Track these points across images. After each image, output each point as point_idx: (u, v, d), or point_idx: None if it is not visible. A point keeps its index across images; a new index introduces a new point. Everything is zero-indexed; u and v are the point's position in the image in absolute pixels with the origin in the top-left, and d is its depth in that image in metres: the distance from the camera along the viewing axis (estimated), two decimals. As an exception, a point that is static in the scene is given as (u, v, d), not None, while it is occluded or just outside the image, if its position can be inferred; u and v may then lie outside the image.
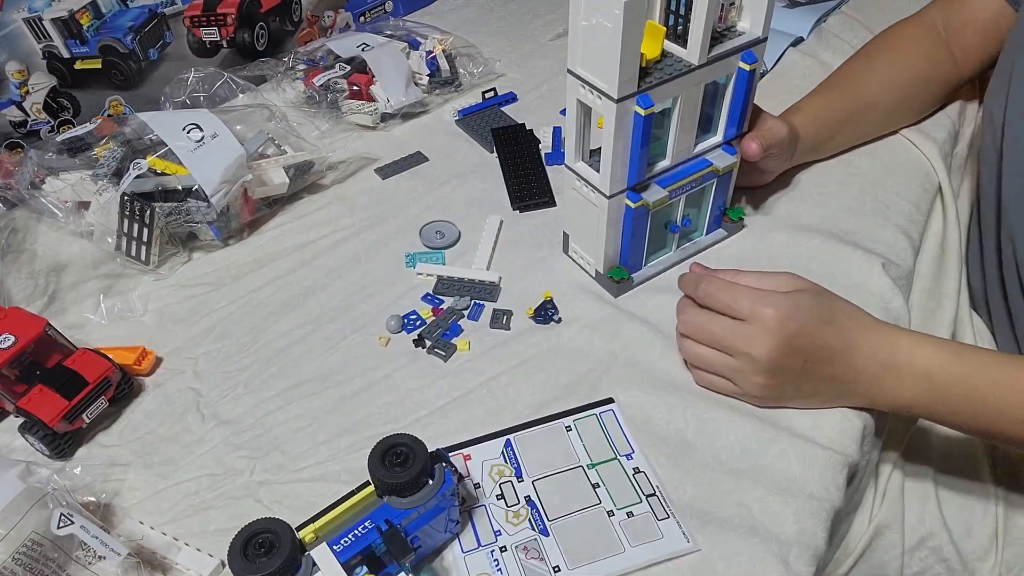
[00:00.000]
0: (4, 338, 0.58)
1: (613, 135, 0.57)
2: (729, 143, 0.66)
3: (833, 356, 0.55)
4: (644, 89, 0.56)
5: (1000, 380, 0.54)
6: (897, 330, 0.57)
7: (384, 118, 0.89)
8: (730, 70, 0.61)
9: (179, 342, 0.67)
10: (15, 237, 0.77)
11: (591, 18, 0.53)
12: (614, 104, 0.55)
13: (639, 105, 0.56)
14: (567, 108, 0.61)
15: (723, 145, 0.66)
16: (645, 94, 0.56)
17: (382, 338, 0.66)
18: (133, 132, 0.75)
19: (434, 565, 0.50)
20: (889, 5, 1.05)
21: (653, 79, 0.56)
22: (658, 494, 0.53)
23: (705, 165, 0.65)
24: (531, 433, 0.58)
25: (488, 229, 0.75)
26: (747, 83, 0.61)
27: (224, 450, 0.58)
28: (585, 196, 0.64)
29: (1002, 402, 0.54)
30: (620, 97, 0.55)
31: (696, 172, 0.65)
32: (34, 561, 0.46)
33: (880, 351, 0.56)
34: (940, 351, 0.56)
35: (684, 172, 0.64)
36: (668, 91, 0.57)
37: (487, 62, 0.97)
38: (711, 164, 0.65)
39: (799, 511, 0.52)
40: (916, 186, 0.78)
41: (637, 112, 0.56)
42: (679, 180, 0.64)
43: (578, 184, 0.64)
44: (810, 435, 0.56)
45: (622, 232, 0.65)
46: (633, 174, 0.61)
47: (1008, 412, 0.54)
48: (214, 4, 0.92)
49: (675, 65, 0.57)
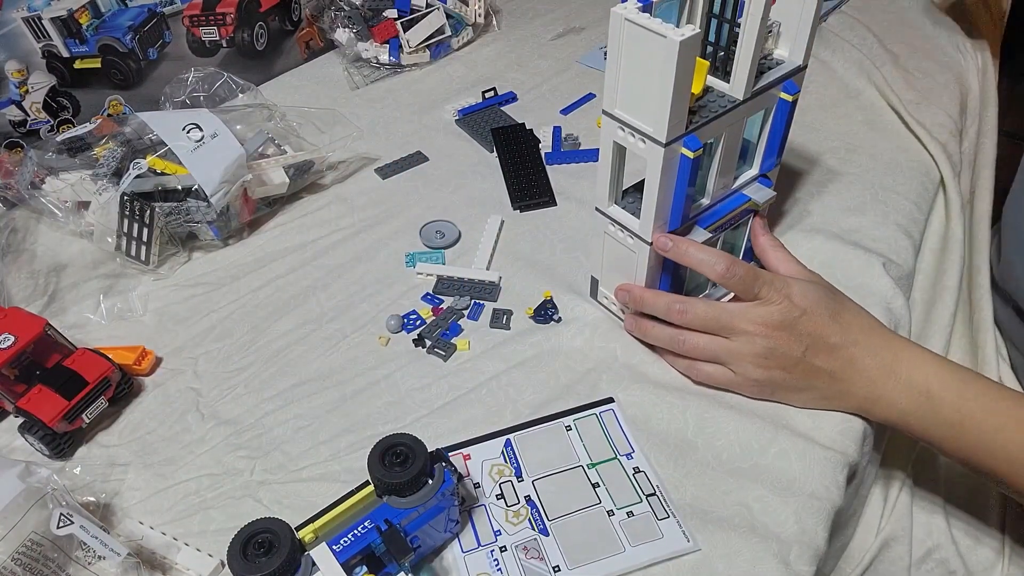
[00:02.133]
0: (4, 338, 0.58)
1: (659, 180, 0.52)
2: (766, 176, 0.63)
3: (834, 350, 0.54)
4: (692, 130, 0.51)
5: (1000, 411, 0.52)
6: (904, 341, 0.56)
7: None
8: (771, 102, 0.57)
9: (179, 342, 0.67)
10: (15, 237, 0.77)
11: (635, 57, 0.49)
12: (662, 148, 0.50)
13: (687, 148, 0.51)
14: (601, 150, 0.56)
15: (760, 178, 0.62)
16: (693, 135, 0.51)
17: (382, 338, 0.66)
18: (133, 132, 0.75)
19: (434, 565, 0.50)
20: (889, 5, 1.06)
21: (699, 118, 0.52)
22: (658, 494, 0.53)
23: (743, 201, 0.61)
24: (531, 433, 0.58)
25: (488, 229, 0.75)
26: (788, 114, 0.58)
27: (224, 450, 0.58)
28: (621, 242, 0.59)
29: (998, 434, 0.52)
30: (668, 141, 0.50)
31: (735, 209, 0.60)
32: (34, 561, 0.46)
33: (883, 356, 0.55)
34: (944, 370, 0.54)
35: (723, 210, 0.60)
36: (713, 130, 0.53)
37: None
38: (749, 199, 0.61)
39: (799, 510, 0.52)
40: (917, 185, 0.78)
41: (685, 155, 0.52)
42: (719, 219, 0.59)
43: (612, 229, 0.60)
44: (810, 435, 0.56)
45: (661, 279, 0.60)
46: (676, 218, 0.56)
47: (1002, 447, 0.52)
48: (213, 4, 0.92)
49: (718, 101, 0.54)
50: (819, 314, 0.54)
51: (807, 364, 0.55)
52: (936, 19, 1.03)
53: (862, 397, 0.55)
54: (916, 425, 0.54)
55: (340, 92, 0.98)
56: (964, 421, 0.52)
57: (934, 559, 0.66)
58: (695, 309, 0.57)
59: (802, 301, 0.55)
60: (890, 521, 0.66)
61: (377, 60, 0.99)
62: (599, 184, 0.59)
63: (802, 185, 0.78)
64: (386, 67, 1.00)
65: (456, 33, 1.03)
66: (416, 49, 0.99)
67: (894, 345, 0.55)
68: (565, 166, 0.83)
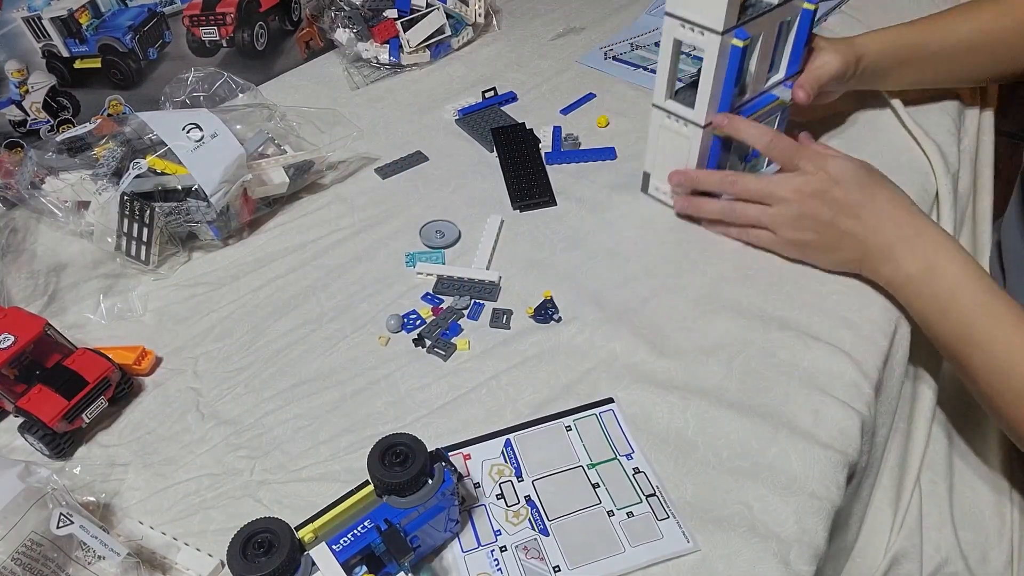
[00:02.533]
0: (4, 338, 0.58)
1: (714, 68, 0.64)
2: (789, 79, 0.74)
3: (859, 216, 0.62)
4: (741, 23, 0.63)
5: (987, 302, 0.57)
6: (928, 221, 0.62)
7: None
8: (796, 12, 0.69)
9: (179, 342, 0.67)
10: (15, 237, 0.77)
11: None
12: (718, 37, 0.62)
13: (737, 38, 0.63)
14: (660, 51, 0.68)
15: (785, 82, 0.73)
16: (741, 28, 0.63)
17: (382, 338, 0.66)
18: (133, 132, 0.75)
19: (434, 565, 0.50)
20: (889, 5, 1.06)
21: (744, 16, 0.64)
22: (658, 494, 0.53)
23: (773, 99, 0.73)
24: (531, 433, 0.58)
25: (488, 229, 0.75)
26: (809, 22, 0.69)
27: (224, 450, 0.58)
28: (676, 131, 0.71)
29: (978, 320, 0.57)
30: (724, 30, 0.62)
31: (767, 105, 0.72)
32: (33, 561, 0.46)
33: (903, 227, 0.61)
34: (952, 250, 0.60)
35: (758, 105, 0.72)
36: (755, 27, 0.65)
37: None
38: (778, 98, 0.73)
39: (799, 510, 0.52)
40: (917, 185, 0.78)
41: (735, 44, 0.64)
42: (755, 112, 0.71)
43: (667, 121, 0.71)
44: (810, 434, 0.56)
45: (708, 163, 0.72)
46: (724, 104, 0.68)
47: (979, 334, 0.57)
48: (213, 3, 0.92)
49: (757, 5, 0.66)
50: (850, 185, 0.62)
51: (835, 227, 0.63)
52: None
53: (877, 257, 0.62)
54: (914, 292, 0.61)
55: (340, 92, 0.98)
56: (954, 297, 0.58)
57: (944, 573, 0.65)
58: (744, 180, 0.68)
59: (836, 173, 0.63)
60: (899, 538, 0.65)
61: (377, 60, 0.99)
62: (657, 82, 0.70)
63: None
64: (386, 67, 1.00)
65: (456, 33, 1.03)
66: (416, 49, 1.00)
67: (916, 221, 0.62)
68: (565, 166, 0.83)
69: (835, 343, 0.62)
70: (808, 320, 0.64)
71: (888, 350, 0.64)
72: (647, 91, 0.94)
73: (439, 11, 0.99)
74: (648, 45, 1.04)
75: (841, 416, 0.58)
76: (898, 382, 0.67)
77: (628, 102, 0.93)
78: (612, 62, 1.00)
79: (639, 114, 0.90)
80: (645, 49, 1.03)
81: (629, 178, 0.81)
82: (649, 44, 1.04)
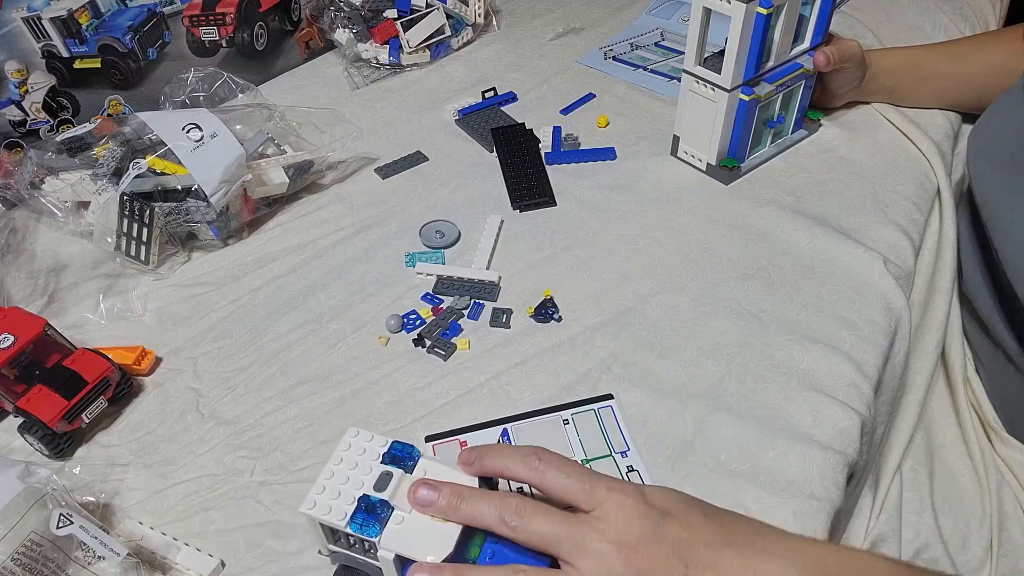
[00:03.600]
0: (3, 338, 0.58)
1: (739, 34, 0.68)
2: (813, 49, 0.77)
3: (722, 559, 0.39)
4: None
5: None
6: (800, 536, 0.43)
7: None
8: None
9: (179, 342, 0.67)
10: (15, 237, 0.77)
11: None
12: (743, 5, 0.66)
13: (762, 6, 0.67)
14: (691, 19, 0.72)
15: (809, 51, 0.77)
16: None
17: (382, 338, 0.66)
18: (132, 132, 0.75)
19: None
20: (889, 5, 1.06)
21: None
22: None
23: (797, 67, 0.76)
24: (528, 424, 0.58)
25: (488, 229, 0.75)
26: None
27: (224, 450, 0.58)
28: (703, 95, 0.75)
29: None
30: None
31: (791, 72, 0.76)
32: (33, 561, 0.46)
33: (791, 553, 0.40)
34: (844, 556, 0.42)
35: (782, 72, 0.76)
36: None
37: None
38: (802, 66, 0.76)
39: (798, 511, 0.52)
40: (916, 186, 0.78)
41: (759, 12, 0.67)
42: (780, 78, 0.75)
43: (696, 86, 0.75)
44: (809, 435, 0.56)
45: (734, 125, 0.76)
46: (750, 69, 0.72)
47: None
48: (213, 3, 0.92)
49: None
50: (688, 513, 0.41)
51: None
52: (935, 19, 1.03)
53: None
54: None
55: (340, 92, 0.98)
56: None
57: (923, 559, 0.66)
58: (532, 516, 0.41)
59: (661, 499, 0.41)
60: (879, 522, 0.66)
61: (377, 60, 0.99)
62: (688, 49, 0.74)
63: (802, 184, 0.78)
64: (386, 67, 1.00)
65: (456, 33, 1.03)
66: (416, 49, 0.99)
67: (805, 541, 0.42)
68: (565, 166, 0.83)
69: (835, 343, 0.62)
70: (808, 320, 0.64)
71: (888, 350, 0.64)
72: (647, 91, 0.95)
73: (439, 11, 0.99)
74: (648, 45, 1.04)
75: (841, 416, 0.57)
76: (898, 382, 0.67)
77: (628, 102, 0.93)
78: (612, 62, 1.00)
79: (639, 114, 0.91)
80: (645, 49, 1.03)
81: (629, 178, 0.81)
82: (649, 44, 1.04)
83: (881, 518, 0.66)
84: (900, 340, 0.66)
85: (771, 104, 0.78)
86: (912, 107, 0.86)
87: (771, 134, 0.81)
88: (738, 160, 0.79)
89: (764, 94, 0.74)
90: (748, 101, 0.73)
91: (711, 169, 0.79)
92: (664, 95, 0.93)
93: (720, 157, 0.78)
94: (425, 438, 0.57)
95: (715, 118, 0.75)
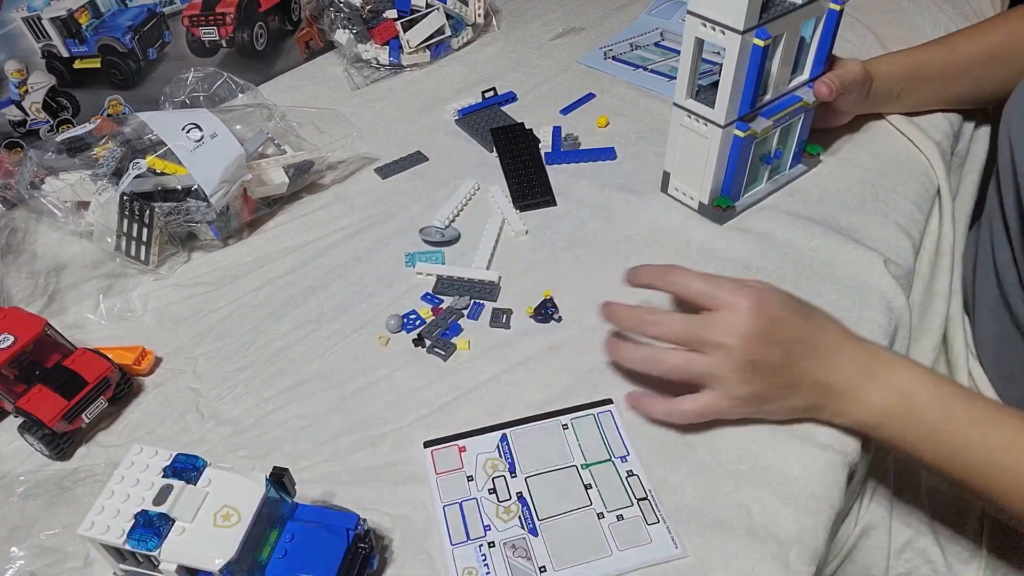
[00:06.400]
0: (3, 338, 0.58)
1: (734, 67, 0.63)
2: (813, 81, 0.73)
3: (814, 353, 0.53)
4: (762, 23, 0.62)
5: (976, 418, 0.51)
6: (875, 345, 0.56)
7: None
8: (821, 11, 0.68)
9: (179, 342, 0.67)
10: (15, 237, 0.77)
11: None
12: (739, 36, 0.61)
13: (759, 38, 0.62)
14: (682, 50, 0.67)
15: (809, 83, 0.73)
16: (763, 27, 0.62)
17: (382, 338, 0.66)
18: (132, 132, 0.75)
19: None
20: (889, 5, 1.06)
21: (767, 16, 0.63)
22: (650, 498, 0.53)
23: (796, 100, 0.72)
24: (527, 429, 0.58)
25: (488, 229, 0.75)
26: (835, 22, 0.68)
27: (224, 450, 0.58)
28: (695, 131, 0.70)
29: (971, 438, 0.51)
30: (745, 29, 0.61)
31: (789, 106, 0.71)
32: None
33: (861, 358, 0.54)
34: (918, 371, 0.54)
35: (780, 106, 0.71)
36: (777, 27, 0.64)
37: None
38: (801, 99, 0.72)
39: (799, 511, 0.52)
40: (917, 186, 0.78)
41: (756, 44, 0.62)
42: (778, 112, 0.70)
43: (688, 120, 0.70)
44: (810, 435, 0.56)
45: (728, 162, 0.70)
46: (745, 104, 0.67)
47: (975, 451, 0.51)
48: (213, 3, 0.92)
49: (780, 4, 0.65)
50: (792, 316, 0.53)
51: (789, 371, 0.53)
52: (935, 19, 1.03)
53: (841, 400, 0.54)
54: (893, 427, 0.53)
55: (340, 92, 0.98)
56: (938, 422, 0.52)
57: (913, 548, 0.66)
58: (667, 321, 0.55)
59: (771, 305, 0.53)
60: (869, 510, 0.66)
61: (377, 61, 0.99)
62: (679, 81, 0.69)
63: (802, 184, 0.78)
64: (386, 68, 1.00)
65: (456, 33, 1.03)
66: (416, 49, 0.99)
67: (869, 347, 0.55)
68: (565, 166, 0.83)
69: (835, 343, 0.62)
70: (808, 320, 0.64)
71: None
72: (647, 91, 0.95)
73: (439, 11, 0.99)
74: (648, 45, 1.04)
75: (841, 416, 0.57)
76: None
77: (628, 102, 0.93)
78: (612, 62, 1.00)
79: (639, 114, 0.91)
80: (645, 49, 1.03)
81: (629, 178, 0.81)
82: (649, 44, 1.04)
83: (871, 506, 0.66)
84: (900, 340, 0.66)
85: (768, 139, 0.73)
86: (917, 112, 0.85)
87: (768, 170, 0.76)
88: (732, 199, 0.74)
89: (761, 130, 0.69)
90: (744, 137, 0.68)
91: (703, 208, 0.74)
92: (664, 95, 0.93)
93: (713, 196, 0.73)
94: (424, 443, 0.57)
95: (708, 155, 0.70)
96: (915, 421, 0.52)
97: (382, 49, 0.98)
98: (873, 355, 0.54)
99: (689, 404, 0.55)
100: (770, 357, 0.52)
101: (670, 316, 0.55)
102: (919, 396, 0.52)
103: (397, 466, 0.56)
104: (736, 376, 0.52)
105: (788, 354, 0.53)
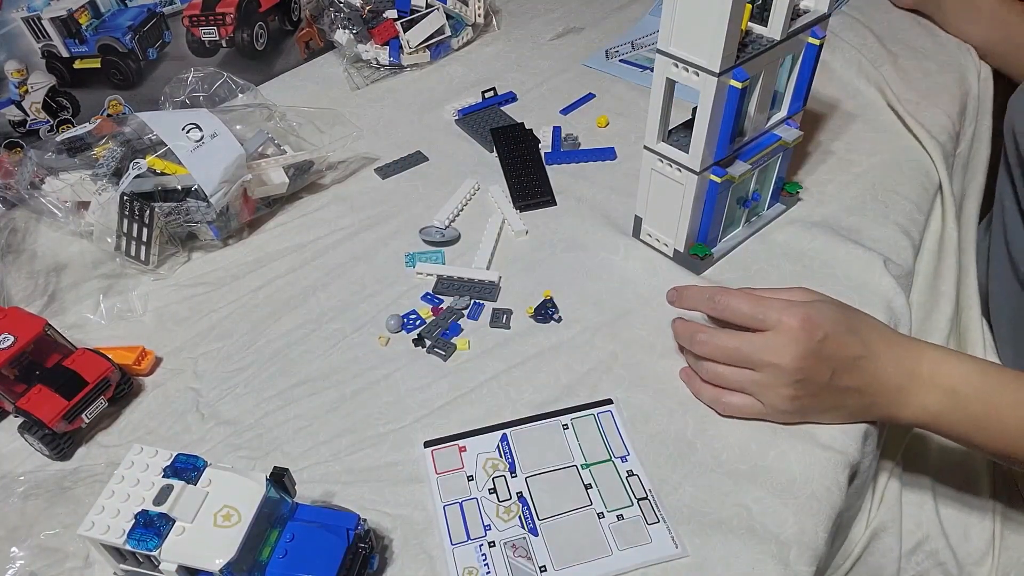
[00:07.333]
0: (3, 338, 0.58)
1: (709, 111, 0.58)
2: (791, 118, 0.69)
3: (859, 365, 0.54)
4: (739, 63, 0.58)
5: (1021, 400, 0.53)
6: (920, 343, 0.57)
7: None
8: (800, 47, 0.64)
9: (179, 342, 0.67)
10: (15, 237, 0.77)
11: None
12: (715, 79, 0.56)
13: (735, 79, 0.58)
14: (652, 90, 0.62)
15: (787, 120, 0.69)
16: (740, 68, 0.58)
17: (382, 338, 0.66)
18: (132, 132, 0.75)
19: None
20: (889, 5, 1.06)
21: (743, 55, 0.58)
22: (650, 498, 0.53)
23: (775, 139, 0.67)
24: (527, 429, 0.58)
25: (488, 229, 0.75)
26: (814, 57, 0.65)
27: (224, 450, 0.58)
28: (668, 176, 0.65)
29: (1021, 425, 0.53)
30: (721, 71, 0.56)
31: (768, 146, 0.67)
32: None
33: (905, 362, 0.55)
34: (965, 365, 0.55)
35: (758, 147, 0.67)
36: (755, 66, 0.60)
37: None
38: (780, 138, 0.68)
39: (799, 511, 0.52)
40: (916, 185, 0.78)
41: (733, 85, 0.58)
42: (756, 154, 0.66)
43: (660, 165, 0.65)
44: (810, 435, 0.56)
45: (703, 209, 0.66)
46: (722, 149, 0.62)
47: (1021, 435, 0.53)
48: (213, 3, 0.92)
49: (757, 42, 0.60)
50: (838, 333, 0.54)
51: (835, 385, 0.54)
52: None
53: (891, 405, 0.56)
54: (945, 423, 0.55)
55: (340, 92, 0.98)
56: (989, 413, 0.54)
57: (924, 550, 0.66)
58: (717, 338, 0.57)
59: (820, 322, 0.54)
60: (879, 512, 0.66)
61: (377, 61, 0.99)
62: (649, 123, 0.64)
63: (802, 184, 0.78)
64: (386, 68, 1.00)
65: (456, 33, 1.03)
66: (416, 49, 0.99)
67: (914, 350, 0.56)
68: (565, 166, 0.83)
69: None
70: (808, 320, 0.64)
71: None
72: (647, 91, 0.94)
73: (439, 11, 0.99)
74: (650, 46, 1.04)
75: (841, 416, 0.57)
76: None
77: (628, 102, 0.93)
78: (616, 63, 1.00)
79: (639, 114, 0.90)
80: (648, 50, 1.03)
81: (629, 178, 0.81)
82: (651, 45, 1.04)
83: (882, 508, 0.66)
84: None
85: (745, 183, 0.68)
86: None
87: (745, 213, 0.72)
88: (709, 246, 0.69)
89: (740, 175, 0.64)
90: (720, 183, 0.64)
91: (679, 256, 0.69)
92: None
93: (689, 243, 0.68)
94: (424, 443, 0.57)
95: (683, 201, 0.65)
96: (966, 415, 0.54)
97: (382, 49, 0.98)
98: (918, 357, 0.55)
99: (737, 400, 0.57)
100: (818, 375, 0.54)
101: (719, 335, 0.57)
102: (965, 392, 0.54)
103: (397, 466, 0.56)
104: (784, 391, 0.54)
105: (835, 371, 0.54)
